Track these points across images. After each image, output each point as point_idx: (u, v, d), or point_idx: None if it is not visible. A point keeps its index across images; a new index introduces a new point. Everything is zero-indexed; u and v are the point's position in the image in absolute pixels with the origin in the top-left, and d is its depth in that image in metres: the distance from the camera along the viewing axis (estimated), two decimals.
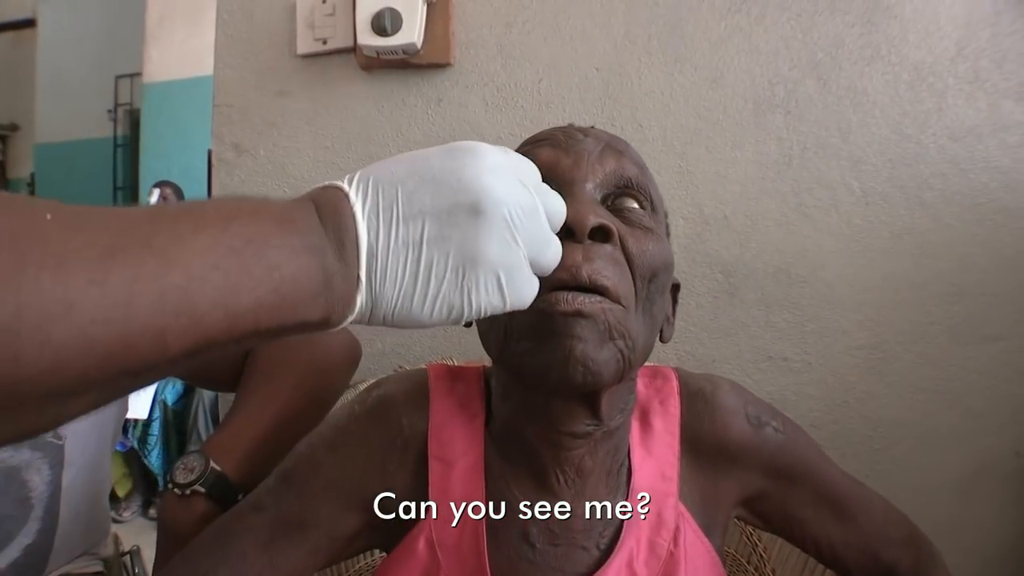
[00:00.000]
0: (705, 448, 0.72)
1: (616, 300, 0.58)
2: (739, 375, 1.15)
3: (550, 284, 0.55)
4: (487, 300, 0.46)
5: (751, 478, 0.74)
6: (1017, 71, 1.09)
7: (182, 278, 0.33)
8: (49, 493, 0.97)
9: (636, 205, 0.64)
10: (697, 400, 0.73)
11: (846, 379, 1.15)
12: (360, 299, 0.43)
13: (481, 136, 1.20)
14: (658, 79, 1.16)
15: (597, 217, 0.58)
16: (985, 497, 1.14)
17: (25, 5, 6.42)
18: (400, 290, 0.44)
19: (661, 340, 0.69)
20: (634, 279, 0.60)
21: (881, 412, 1.15)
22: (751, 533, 0.99)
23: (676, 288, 0.73)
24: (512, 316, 0.57)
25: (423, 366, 0.77)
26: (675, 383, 0.74)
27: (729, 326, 1.17)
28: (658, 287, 0.62)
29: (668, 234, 0.71)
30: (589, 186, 0.63)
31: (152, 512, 3.37)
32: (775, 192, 1.14)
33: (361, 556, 1.04)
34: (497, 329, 0.62)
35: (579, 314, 0.56)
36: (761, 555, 0.98)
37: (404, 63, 1.19)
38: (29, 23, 6.49)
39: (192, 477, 0.80)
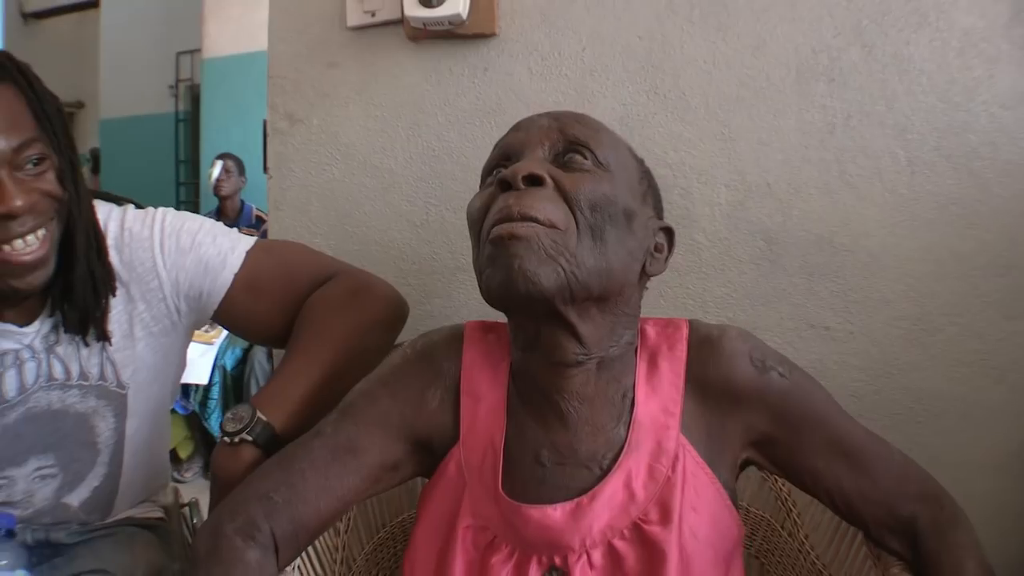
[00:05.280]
0: (712, 389, 0.78)
1: (550, 225, 0.69)
2: (780, 343, 1.16)
3: (494, 224, 0.70)
4: None
5: (756, 420, 0.78)
6: None
7: None
8: (115, 440, 1.04)
9: (579, 157, 0.75)
10: (704, 345, 0.79)
11: (888, 350, 1.14)
12: None
13: (527, 104, 1.22)
14: (700, 47, 1.16)
15: (528, 168, 0.71)
16: None
17: None
18: None
19: (647, 273, 0.78)
20: (572, 210, 0.71)
21: (924, 384, 1.14)
22: (786, 499, 1.01)
23: (669, 232, 0.81)
24: (480, 252, 0.74)
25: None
26: (685, 331, 0.81)
27: (770, 294, 1.17)
28: (605, 217, 0.72)
29: (653, 190, 0.83)
30: (539, 151, 0.75)
31: None
32: (818, 160, 1.13)
33: None
34: (476, 266, 0.76)
35: (513, 236, 0.68)
36: (795, 520, 1.00)
37: (450, 34, 1.22)
38: (92, 4, 6.70)
39: (240, 426, 0.87)
